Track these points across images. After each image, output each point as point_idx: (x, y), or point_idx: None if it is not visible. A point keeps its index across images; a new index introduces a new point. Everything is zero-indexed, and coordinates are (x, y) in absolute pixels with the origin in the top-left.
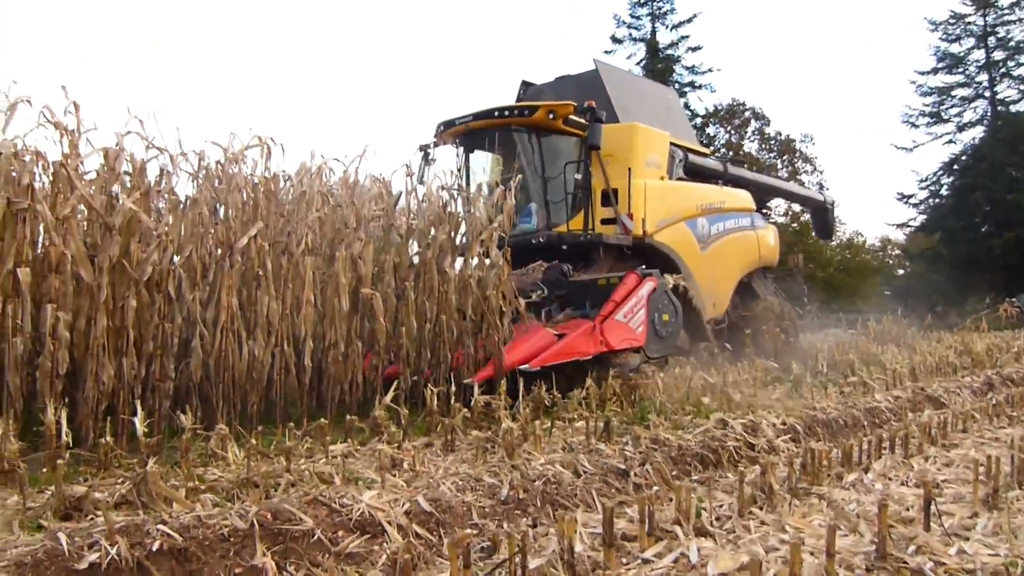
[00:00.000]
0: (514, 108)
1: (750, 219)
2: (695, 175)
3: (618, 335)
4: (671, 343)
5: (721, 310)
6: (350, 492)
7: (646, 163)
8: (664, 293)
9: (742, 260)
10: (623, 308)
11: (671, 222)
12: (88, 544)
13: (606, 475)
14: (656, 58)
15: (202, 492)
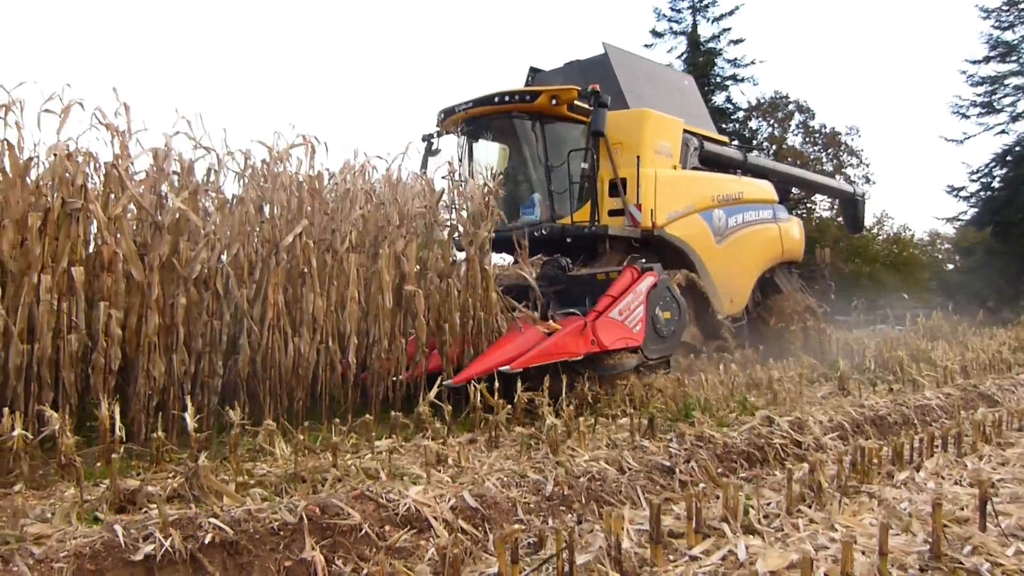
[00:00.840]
0: (515, 94)
1: (772, 211)
2: (712, 164)
3: (612, 334)
4: (673, 343)
5: (740, 306)
6: (396, 487)
7: (656, 151)
8: (666, 289)
9: (763, 254)
10: (618, 305)
11: (684, 214)
12: (143, 536)
13: (651, 472)
14: (697, 52)
15: (251, 486)
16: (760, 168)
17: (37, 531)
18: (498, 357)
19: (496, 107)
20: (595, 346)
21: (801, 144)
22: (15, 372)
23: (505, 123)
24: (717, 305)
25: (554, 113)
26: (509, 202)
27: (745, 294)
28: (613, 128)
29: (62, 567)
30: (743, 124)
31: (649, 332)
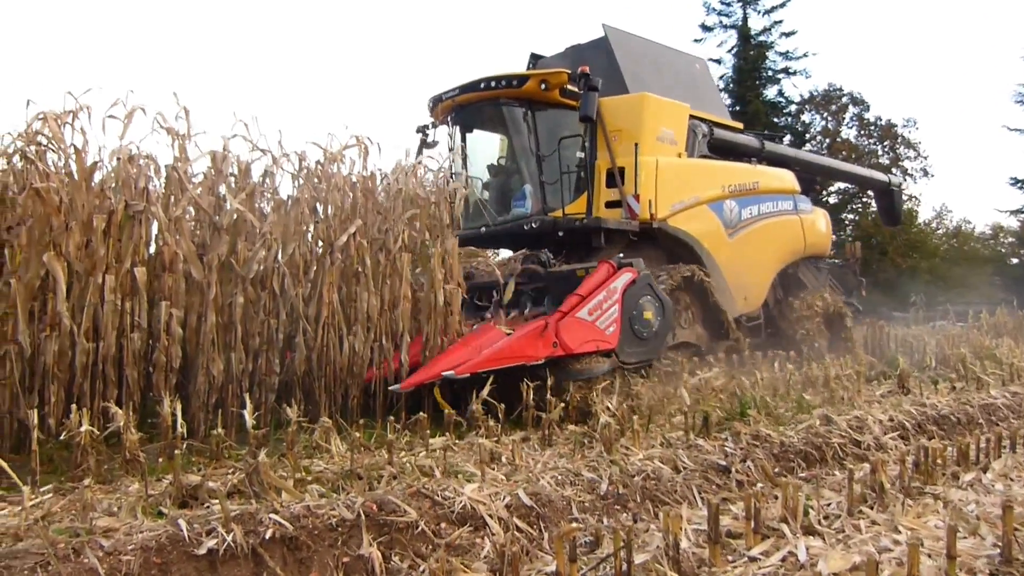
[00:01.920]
0: (502, 79)
1: (792, 202)
2: (725, 152)
3: (579, 336)
4: (656, 346)
5: (755, 304)
6: (451, 485)
7: (658, 138)
8: (647, 287)
9: (782, 248)
10: (588, 304)
11: (689, 205)
12: (206, 531)
13: (706, 471)
14: (748, 45)
15: (308, 483)
16: (780, 156)
17: (105, 524)
18: (449, 361)
19: (482, 93)
20: (558, 349)
21: (856, 137)
22: (81, 370)
23: (495, 110)
24: (728, 303)
25: (545, 99)
26: (502, 194)
27: (761, 291)
28: (611, 114)
29: (130, 560)
30: (795, 118)
31: (626, 334)
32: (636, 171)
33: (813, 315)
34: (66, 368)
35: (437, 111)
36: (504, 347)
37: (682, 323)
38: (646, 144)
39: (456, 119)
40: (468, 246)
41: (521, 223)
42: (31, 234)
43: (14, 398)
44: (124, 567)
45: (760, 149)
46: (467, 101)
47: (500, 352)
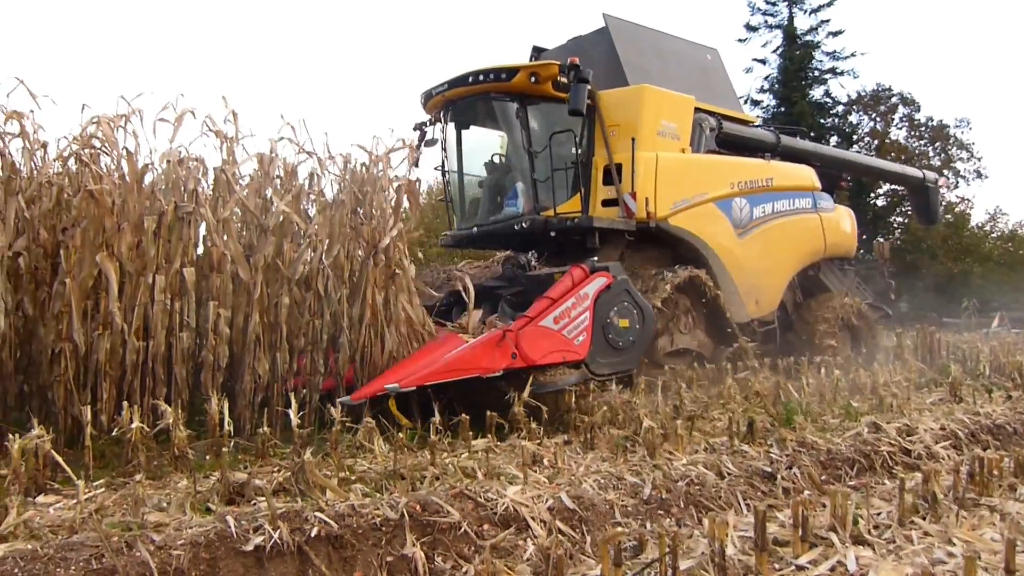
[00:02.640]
0: (490, 72)
1: (811, 199)
2: (736, 148)
3: (542, 346)
4: (633, 356)
5: (768, 308)
6: (494, 487)
7: (659, 132)
8: (624, 292)
9: (800, 249)
10: (553, 312)
11: (694, 203)
12: (253, 528)
13: (751, 477)
14: (794, 45)
15: (352, 482)
16: (798, 152)
17: (156, 519)
18: (399, 374)
19: (471, 88)
20: (518, 360)
21: (905, 138)
22: (132, 368)
23: (485, 105)
24: (736, 307)
25: (537, 92)
26: (495, 193)
27: (775, 294)
28: (609, 108)
29: (179, 554)
30: (842, 119)
31: (598, 343)
32: (633, 167)
33: (832, 319)
34: (117, 366)
35: (429, 107)
36: (456, 358)
37: (681, 328)
38: (645, 139)
39: (448, 115)
40: (463, 247)
41: (512, 223)
42: (85, 235)
43: (68, 395)
44: (174, 561)
45: (775, 144)
46: (456, 96)
47: (451, 364)
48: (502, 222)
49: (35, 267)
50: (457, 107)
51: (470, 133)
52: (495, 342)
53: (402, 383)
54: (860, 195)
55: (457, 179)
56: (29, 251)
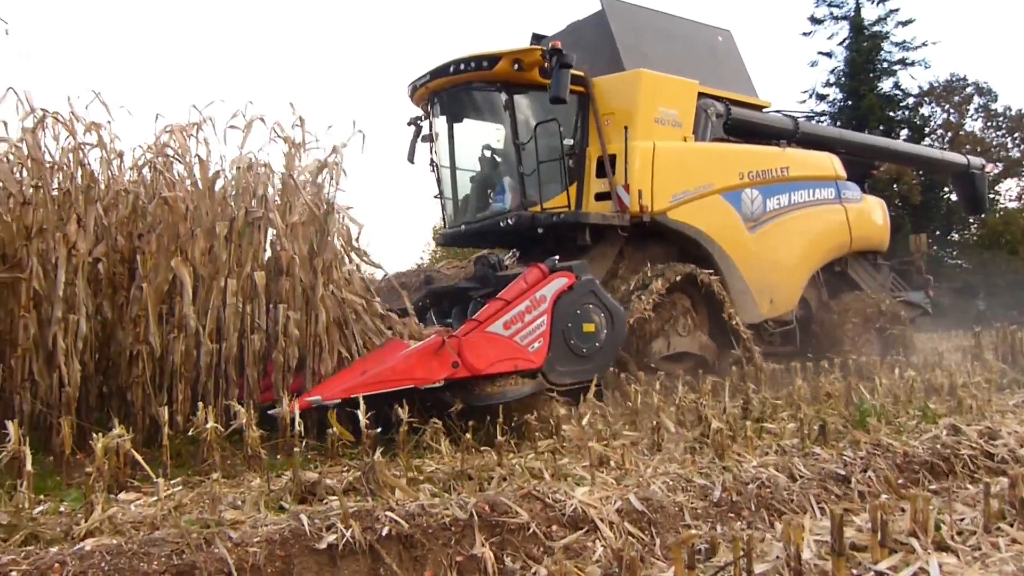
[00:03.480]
0: (471, 60)
1: (834, 189)
2: (749, 135)
3: (489, 354)
4: (600, 363)
5: (785, 307)
6: (562, 488)
7: (656, 120)
8: (589, 294)
9: (822, 242)
10: (504, 316)
11: (697, 195)
12: (326, 526)
13: (824, 480)
14: (861, 36)
15: (420, 482)
16: (820, 138)
17: (232, 517)
18: (330, 384)
19: (453, 78)
20: (460, 370)
21: (981, 130)
22: (206, 369)
23: (472, 96)
24: (747, 307)
25: (523, 80)
26: (484, 189)
27: (793, 292)
28: (604, 95)
29: (256, 551)
30: (913, 111)
31: (557, 350)
32: (626, 158)
33: (861, 318)
34: (192, 368)
35: (415, 99)
36: (387, 368)
37: (679, 330)
38: (641, 127)
39: (435, 107)
40: (455, 246)
41: (498, 220)
42: (160, 241)
43: (146, 395)
44: (251, 558)
45: (793, 131)
46: (439, 87)
47: (381, 375)
48: (489, 219)
49: (113, 272)
50: (444, 98)
51: (463, 126)
52: (432, 350)
53: (325, 396)
54: (932, 189)
55: (448, 174)
56: (107, 257)
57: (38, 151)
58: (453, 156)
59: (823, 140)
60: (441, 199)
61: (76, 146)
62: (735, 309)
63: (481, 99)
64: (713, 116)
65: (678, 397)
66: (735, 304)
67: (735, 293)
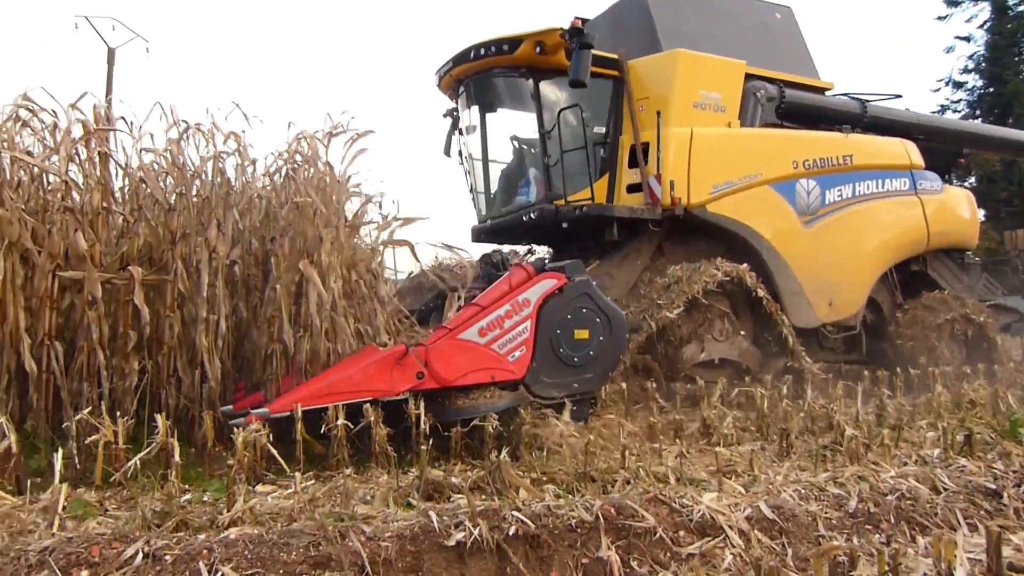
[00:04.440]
0: (491, 44)
1: (909, 179)
2: (808, 120)
3: (460, 363)
4: (594, 374)
5: (848, 310)
6: (688, 493)
7: (696, 104)
8: (582, 296)
9: (894, 239)
10: (479, 321)
11: (742, 186)
12: (454, 524)
13: (972, 494)
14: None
15: (544, 483)
16: (894, 123)
17: (363, 512)
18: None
19: (475, 64)
20: (427, 380)
21: None
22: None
23: (497, 82)
24: (800, 310)
25: (547, 64)
26: (511, 181)
27: (857, 294)
28: (640, 79)
29: (387, 546)
30: None
31: (544, 359)
32: (658, 146)
33: (940, 323)
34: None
35: (442, 87)
36: (342, 379)
37: (715, 335)
38: (678, 112)
39: (462, 96)
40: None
41: (522, 214)
42: (292, 244)
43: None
44: (383, 552)
45: (860, 115)
46: (463, 74)
47: (335, 385)
48: (514, 213)
49: (248, 274)
50: (469, 87)
51: (490, 115)
52: (393, 360)
53: (272, 407)
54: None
55: (480, 167)
56: (243, 259)
57: (181, 160)
58: (486, 148)
59: (898, 125)
60: (473, 193)
61: (215, 154)
62: (787, 312)
63: (506, 86)
64: (764, 100)
65: (807, 402)
66: (786, 307)
67: (786, 295)
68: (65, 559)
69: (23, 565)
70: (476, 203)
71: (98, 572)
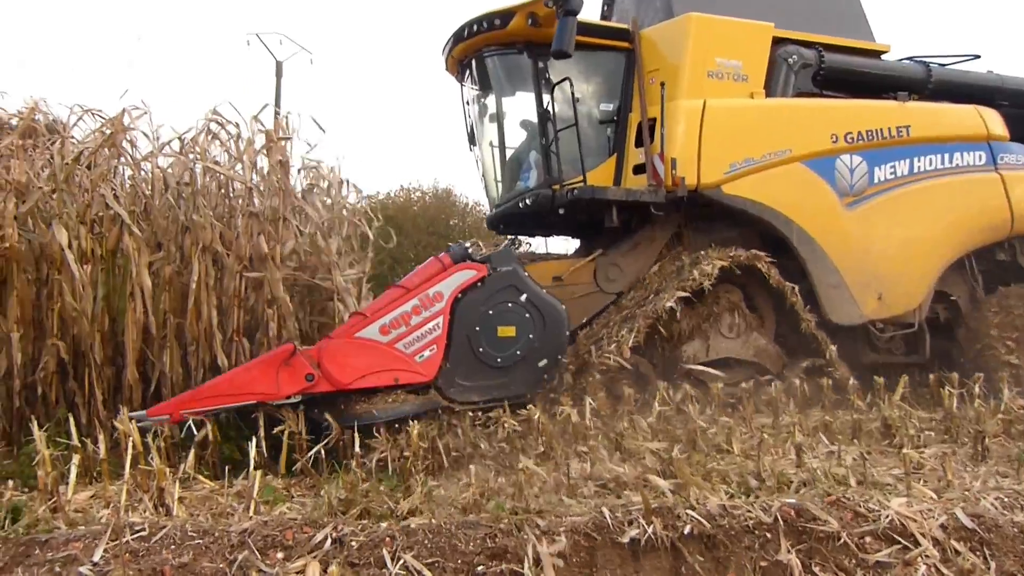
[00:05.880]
0: (483, 20)
1: (987, 152)
2: (854, 88)
3: (358, 364)
4: (522, 376)
5: (905, 305)
6: (874, 497)
7: (711, 73)
8: (508, 289)
9: (965, 222)
10: (381, 318)
11: (765, 163)
12: (627, 520)
13: None
14: None
15: (716, 482)
16: (969, 87)
17: (536, 505)
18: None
19: (470, 42)
20: (318, 383)
21: None
22: None
23: (496, 61)
24: (841, 304)
25: (545, 39)
26: (515, 167)
27: (916, 286)
28: (652, 49)
29: (562, 540)
30: None
31: (458, 360)
32: (662, 121)
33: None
34: None
35: (449, 69)
36: (223, 381)
37: (724, 331)
38: (689, 82)
39: (466, 77)
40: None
41: (518, 200)
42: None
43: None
44: (557, 546)
45: (924, 79)
46: (462, 54)
47: (217, 387)
48: (513, 200)
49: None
50: (471, 67)
51: (494, 96)
52: (278, 361)
53: (149, 412)
54: None
55: (489, 152)
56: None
57: None
58: (502, 131)
59: (975, 90)
60: (484, 181)
61: None
62: (823, 308)
63: (505, 64)
64: (796, 66)
65: (1003, 403)
66: (823, 301)
67: (823, 287)
68: (262, 541)
69: (226, 545)
70: (488, 190)
71: (291, 555)
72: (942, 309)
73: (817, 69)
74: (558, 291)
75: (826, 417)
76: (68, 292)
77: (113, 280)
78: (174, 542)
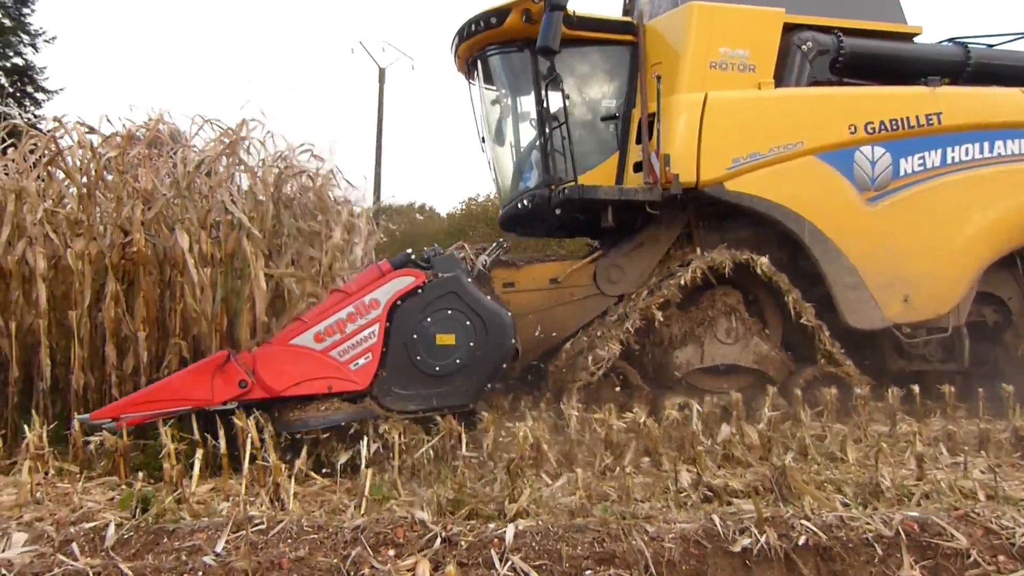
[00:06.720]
0: (480, 19)
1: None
2: (881, 74)
3: (292, 371)
4: (461, 386)
5: (936, 308)
6: (1008, 513)
7: (715, 64)
8: (449, 296)
9: (1008, 217)
10: (315, 326)
11: (773, 158)
12: (739, 529)
13: None
14: None
15: (830, 491)
16: (1013, 68)
17: (643, 511)
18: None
19: (471, 40)
20: (251, 390)
21: None
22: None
23: (497, 59)
24: (860, 308)
25: None
26: (521, 167)
27: (950, 288)
28: (655, 42)
29: (671, 547)
30: None
31: (395, 368)
32: (658, 115)
33: None
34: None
35: (458, 69)
36: (160, 386)
37: (720, 336)
38: (690, 75)
39: (476, 74)
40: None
41: (516, 201)
42: None
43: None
44: (667, 554)
45: (962, 63)
46: (467, 53)
47: (154, 393)
48: (515, 200)
49: None
50: (476, 65)
51: (501, 95)
52: (213, 367)
53: (93, 415)
54: None
55: (498, 150)
56: None
57: None
58: (509, 130)
59: (1021, 72)
60: (495, 180)
61: None
62: (840, 311)
63: (506, 62)
64: (812, 52)
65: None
66: (840, 304)
67: (839, 288)
68: (375, 538)
69: (340, 540)
70: (499, 190)
71: (402, 552)
72: (991, 312)
73: (836, 56)
74: (555, 293)
75: (949, 426)
76: (189, 294)
77: (231, 282)
78: (291, 536)
